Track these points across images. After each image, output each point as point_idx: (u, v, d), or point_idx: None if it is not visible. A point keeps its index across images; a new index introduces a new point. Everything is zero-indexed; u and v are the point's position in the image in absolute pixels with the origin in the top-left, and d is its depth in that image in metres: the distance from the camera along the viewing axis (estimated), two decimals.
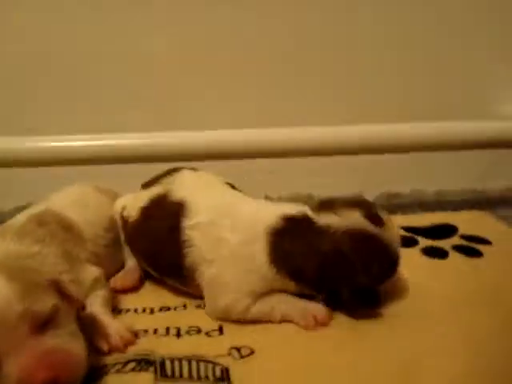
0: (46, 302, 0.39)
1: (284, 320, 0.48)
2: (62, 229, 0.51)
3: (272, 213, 0.49)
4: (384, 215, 0.50)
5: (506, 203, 0.87)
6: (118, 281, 0.56)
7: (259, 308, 0.48)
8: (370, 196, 0.91)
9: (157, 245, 0.53)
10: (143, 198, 0.56)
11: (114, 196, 0.64)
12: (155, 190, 0.56)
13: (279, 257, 0.47)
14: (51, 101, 0.86)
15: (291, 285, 0.48)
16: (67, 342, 0.39)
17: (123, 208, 0.58)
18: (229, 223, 0.50)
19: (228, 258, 0.48)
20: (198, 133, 0.80)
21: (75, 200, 0.58)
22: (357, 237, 0.46)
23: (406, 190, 0.92)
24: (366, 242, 0.46)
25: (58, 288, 0.42)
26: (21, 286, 0.39)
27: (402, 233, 0.67)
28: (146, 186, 0.59)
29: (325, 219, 0.47)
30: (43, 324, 0.38)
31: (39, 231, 0.49)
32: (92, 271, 0.50)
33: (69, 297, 0.42)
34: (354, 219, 0.47)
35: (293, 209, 0.50)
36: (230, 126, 0.80)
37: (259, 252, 0.48)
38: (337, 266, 0.46)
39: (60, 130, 0.79)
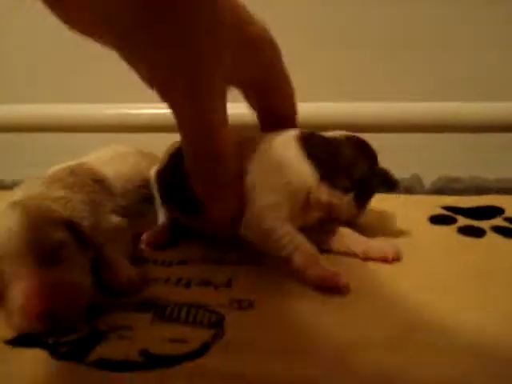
0: (55, 236, 0.42)
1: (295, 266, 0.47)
2: (93, 180, 0.54)
3: (291, 131, 0.53)
4: None
5: None
6: (146, 236, 0.58)
7: (289, 229, 0.49)
8: (427, 179, 0.88)
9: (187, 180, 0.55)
10: (172, 149, 0.59)
11: (156, 160, 0.66)
12: None
13: (312, 156, 0.51)
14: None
15: (323, 191, 0.51)
16: (72, 277, 0.42)
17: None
18: (258, 139, 0.53)
19: (265, 163, 0.51)
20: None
21: (113, 157, 0.61)
22: (357, 140, 0.54)
23: (466, 175, 0.88)
24: (364, 143, 0.54)
25: (71, 228, 0.44)
26: (33, 220, 0.42)
27: (443, 212, 0.64)
28: None
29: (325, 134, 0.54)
30: (49, 256, 0.41)
31: (69, 179, 0.52)
32: (115, 220, 0.53)
33: (82, 237, 0.45)
34: (342, 132, 0.55)
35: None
36: None
37: (294, 154, 0.51)
38: (357, 163, 0.51)
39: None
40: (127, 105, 0.84)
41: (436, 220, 0.61)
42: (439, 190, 0.83)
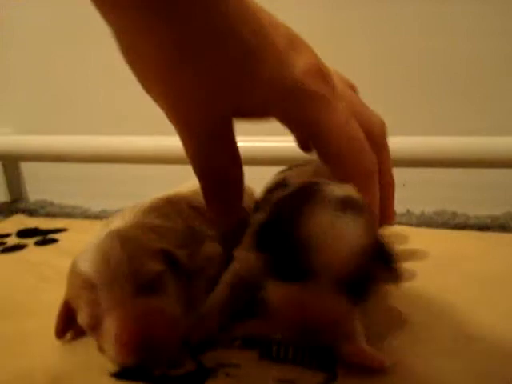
0: (152, 267, 0.42)
1: None
2: (190, 207, 0.54)
3: None
4: None
5: None
6: None
7: None
8: None
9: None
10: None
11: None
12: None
13: None
14: None
15: None
16: (168, 307, 0.41)
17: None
18: None
19: None
20: None
21: None
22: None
23: None
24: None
25: (168, 258, 0.44)
26: (131, 251, 0.42)
27: None
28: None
29: None
30: (147, 287, 0.41)
31: (166, 207, 0.52)
32: (213, 246, 0.51)
33: (177, 266, 0.45)
34: None
35: None
36: None
37: None
38: None
39: None
40: None
41: None
42: None
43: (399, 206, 0.85)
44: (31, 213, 1.00)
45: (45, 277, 0.60)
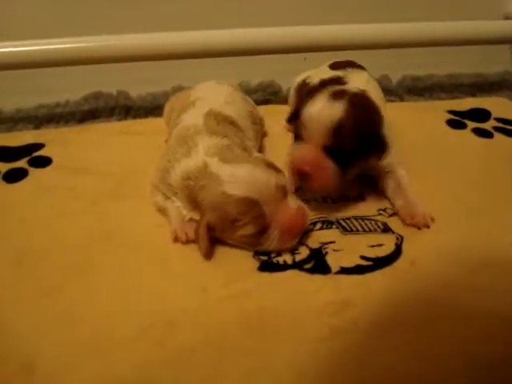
0: (284, 177, 0.56)
1: None
2: (230, 124, 0.64)
3: None
4: None
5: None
6: None
7: None
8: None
9: None
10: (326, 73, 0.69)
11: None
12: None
13: None
14: None
15: None
16: (300, 204, 0.56)
17: (306, 78, 0.71)
18: None
19: None
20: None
21: (226, 98, 0.69)
22: None
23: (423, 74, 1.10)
24: None
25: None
26: (267, 167, 0.55)
27: (451, 116, 0.86)
28: (333, 67, 0.71)
29: None
30: (284, 193, 0.55)
31: (220, 128, 0.61)
32: (259, 156, 0.62)
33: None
34: None
35: None
36: None
37: None
38: None
39: None
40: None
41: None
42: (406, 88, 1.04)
43: None
44: None
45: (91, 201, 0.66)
